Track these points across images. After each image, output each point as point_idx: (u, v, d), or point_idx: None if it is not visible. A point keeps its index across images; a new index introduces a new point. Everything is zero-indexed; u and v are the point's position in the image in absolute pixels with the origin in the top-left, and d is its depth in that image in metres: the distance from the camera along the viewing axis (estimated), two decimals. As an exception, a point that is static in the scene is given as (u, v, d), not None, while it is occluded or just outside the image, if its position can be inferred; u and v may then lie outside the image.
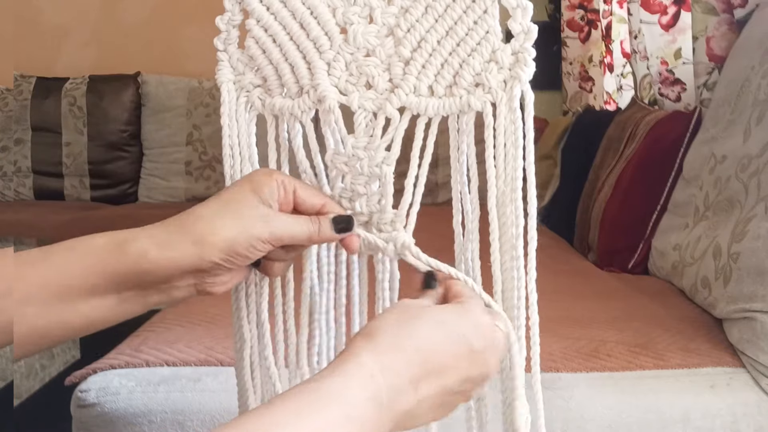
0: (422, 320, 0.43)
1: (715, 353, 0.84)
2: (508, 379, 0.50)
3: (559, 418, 0.75)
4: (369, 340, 0.41)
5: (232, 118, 0.53)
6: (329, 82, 0.50)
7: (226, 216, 0.46)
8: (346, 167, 0.51)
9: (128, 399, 0.77)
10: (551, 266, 1.35)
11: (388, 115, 0.50)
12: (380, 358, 0.40)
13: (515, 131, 0.48)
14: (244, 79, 0.53)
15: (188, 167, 2.74)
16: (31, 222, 2.31)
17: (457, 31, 0.48)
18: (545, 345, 0.86)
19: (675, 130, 1.34)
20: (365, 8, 0.50)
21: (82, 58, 2.95)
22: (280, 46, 0.51)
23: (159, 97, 2.76)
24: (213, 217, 0.46)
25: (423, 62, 0.49)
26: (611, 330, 0.91)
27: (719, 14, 1.28)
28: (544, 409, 0.52)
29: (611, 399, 0.77)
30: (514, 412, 0.49)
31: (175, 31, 2.92)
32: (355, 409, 0.37)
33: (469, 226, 0.51)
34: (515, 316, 0.49)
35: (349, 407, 0.37)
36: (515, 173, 0.48)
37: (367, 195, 0.51)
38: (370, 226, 0.51)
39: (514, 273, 0.49)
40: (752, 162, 0.96)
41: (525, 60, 0.47)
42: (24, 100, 2.75)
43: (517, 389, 0.49)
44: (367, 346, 0.41)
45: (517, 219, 0.48)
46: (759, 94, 1.02)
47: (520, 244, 0.49)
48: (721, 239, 0.97)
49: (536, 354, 0.51)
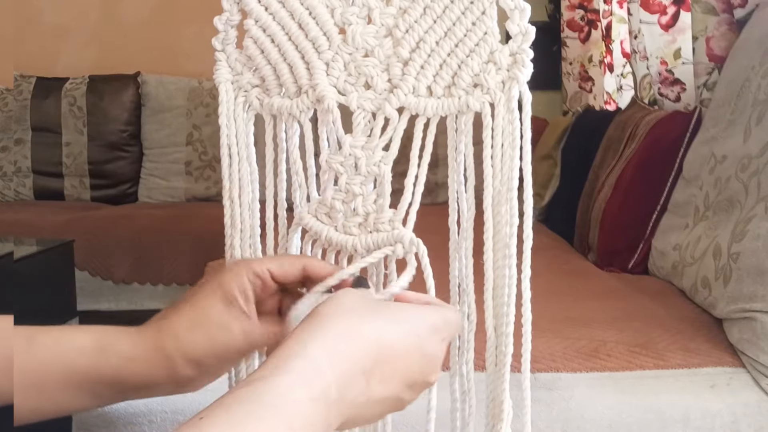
0: (381, 313, 0.41)
1: (715, 353, 0.84)
2: (494, 374, 0.50)
3: (559, 418, 0.75)
4: (319, 327, 0.38)
5: (230, 118, 0.53)
6: (328, 82, 0.50)
7: (196, 330, 0.46)
8: (342, 167, 0.51)
9: (128, 399, 0.77)
10: (551, 266, 1.35)
11: (387, 115, 0.50)
12: (331, 345, 0.37)
13: (513, 131, 0.48)
14: (242, 79, 0.53)
15: (188, 167, 2.74)
16: (31, 222, 2.31)
17: (455, 32, 0.48)
18: (545, 345, 0.86)
19: (675, 130, 1.34)
20: (364, 8, 0.50)
21: (82, 58, 2.95)
22: (278, 46, 0.51)
23: (159, 97, 2.76)
24: (183, 330, 0.46)
25: (421, 63, 0.49)
26: (611, 330, 0.91)
27: (719, 14, 1.28)
28: (544, 410, 0.52)
29: (611, 399, 0.77)
30: (499, 406, 0.50)
31: (175, 31, 2.92)
32: (299, 417, 0.34)
33: (464, 225, 0.52)
34: (504, 313, 0.50)
35: (291, 416, 0.34)
36: (511, 173, 0.48)
37: (364, 195, 0.51)
38: (365, 227, 0.51)
39: (506, 271, 0.49)
40: (752, 162, 0.96)
41: (523, 61, 0.47)
42: (24, 100, 2.75)
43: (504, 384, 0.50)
44: (316, 334, 0.38)
45: (512, 218, 0.49)
46: (759, 94, 1.02)
47: (514, 243, 0.49)
48: (721, 239, 0.97)
49: (527, 351, 0.50)
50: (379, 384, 0.39)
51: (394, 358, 0.40)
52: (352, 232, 0.51)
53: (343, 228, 0.51)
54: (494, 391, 0.51)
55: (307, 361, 0.36)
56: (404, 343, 0.41)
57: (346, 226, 0.51)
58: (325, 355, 0.37)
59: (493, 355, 0.50)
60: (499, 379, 0.50)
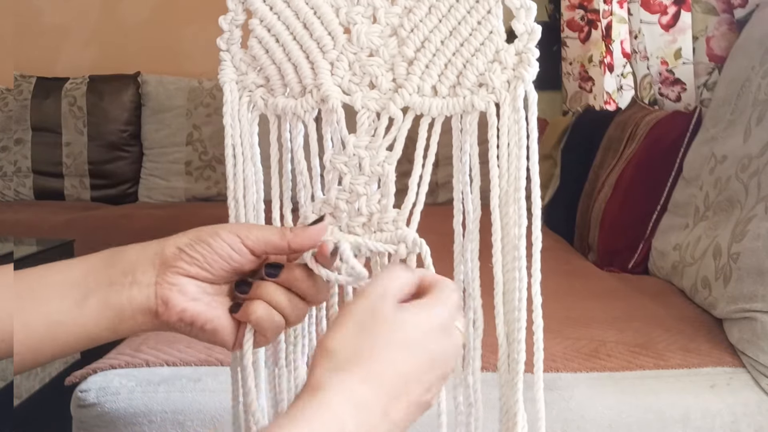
0: (383, 338, 0.41)
1: (715, 353, 0.84)
2: (507, 383, 0.50)
3: (559, 418, 0.75)
4: (335, 371, 0.40)
5: (234, 118, 0.53)
6: (332, 81, 0.50)
7: (192, 233, 0.47)
8: (346, 167, 0.50)
9: (128, 399, 0.77)
10: (551, 266, 1.34)
11: (392, 115, 0.49)
12: (350, 395, 0.39)
13: (519, 131, 0.48)
14: (246, 79, 0.53)
15: (188, 167, 2.74)
16: (31, 222, 2.31)
17: (460, 31, 0.48)
18: (545, 345, 0.86)
19: (675, 130, 1.34)
20: (369, 8, 0.50)
21: (82, 58, 2.95)
22: (283, 45, 0.51)
23: (159, 97, 2.76)
24: (181, 236, 0.47)
25: (426, 62, 0.49)
26: (611, 330, 0.91)
27: (719, 14, 1.28)
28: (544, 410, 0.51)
29: (611, 399, 0.77)
30: (513, 419, 0.49)
31: (175, 31, 2.92)
32: None
33: (469, 226, 0.51)
34: (516, 318, 0.49)
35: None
36: (518, 173, 0.48)
37: (367, 195, 0.50)
38: (369, 226, 0.51)
39: (516, 274, 0.48)
40: (752, 162, 0.96)
41: (529, 60, 0.47)
42: (24, 100, 2.75)
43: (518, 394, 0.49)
44: (335, 378, 0.39)
45: (520, 219, 0.48)
46: (759, 94, 1.02)
47: (523, 245, 0.48)
48: (721, 239, 0.97)
49: (539, 360, 0.49)
50: (398, 412, 0.40)
51: (408, 384, 0.41)
52: (356, 232, 0.51)
53: (347, 228, 0.51)
54: (507, 403, 0.50)
55: (331, 414, 0.38)
56: (413, 362, 0.42)
57: (350, 226, 0.51)
58: (347, 406, 0.38)
59: (506, 363, 0.49)
60: (512, 389, 0.49)
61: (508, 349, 0.49)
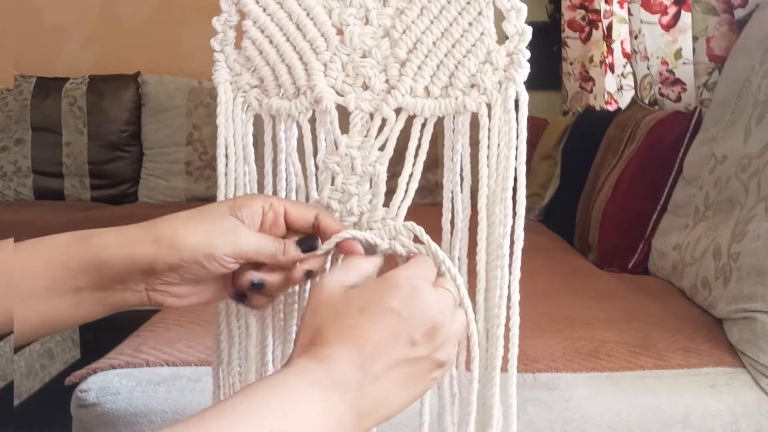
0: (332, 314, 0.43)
1: (715, 353, 0.84)
2: (485, 380, 0.50)
3: (559, 418, 0.75)
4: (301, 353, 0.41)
5: (228, 118, 0.53)
6: (326, 83, 0.50)
7: (191, 222, 0.46)
8: (338, 167, 0.51)
9: (128, 399, 0.77)
10: (551, 266, 1.35)
11: (385, 115, 0.50)
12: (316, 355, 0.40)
13: (509, 132, 0.48)
14: (241, 80, 0.53)
15: (188, 167, 2.74)
16: (31, 222, 2.31)
17: (452, 32, 0.48)
18: (545, 345, 0.86)
19: (675, 130, 1.34)
20: (361, 9, 0.50)
21: (82, 58, 2.95)
22: (276, 47, 0.51)
23: (159, 97, 2.76)
24: (179, 221, 0.46)
25: (419, 63, 0.49)
26: (611, 330, 0.91)
27: (719, 14, 1.28)
28: (544, 410, 0.51)
29: (611, 399, 0.77)
30: (489, 411, 0.49)
31: (175, 31, 2.92)
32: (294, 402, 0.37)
33: (458, 225, 0.51)
34: (496, 315, 0.49)
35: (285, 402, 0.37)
36: (506, 173, 0.48)
37: (359, 195, 0.51)
38: (359, 226, 0.51)
39: (498, 272, 0.49)
40: (752, 162, 0.96)
41: (519, 61, 0.48)
42: (24, 100, 2.75)
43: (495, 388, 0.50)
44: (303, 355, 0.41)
45: (506, 218, 0.49)
46: (759, 94, 1.02)
47: (507, 243, 0.49)
48: (721, 239, 0.97)
49: (514, 356, 0.50)
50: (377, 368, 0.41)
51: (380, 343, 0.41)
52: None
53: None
54: (484, 396, 0.50)
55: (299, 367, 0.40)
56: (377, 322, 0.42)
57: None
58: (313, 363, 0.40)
59: (484, 358, 0.50)
60: (489, 383, 0.50)
61: (487, 345, 0.50)
